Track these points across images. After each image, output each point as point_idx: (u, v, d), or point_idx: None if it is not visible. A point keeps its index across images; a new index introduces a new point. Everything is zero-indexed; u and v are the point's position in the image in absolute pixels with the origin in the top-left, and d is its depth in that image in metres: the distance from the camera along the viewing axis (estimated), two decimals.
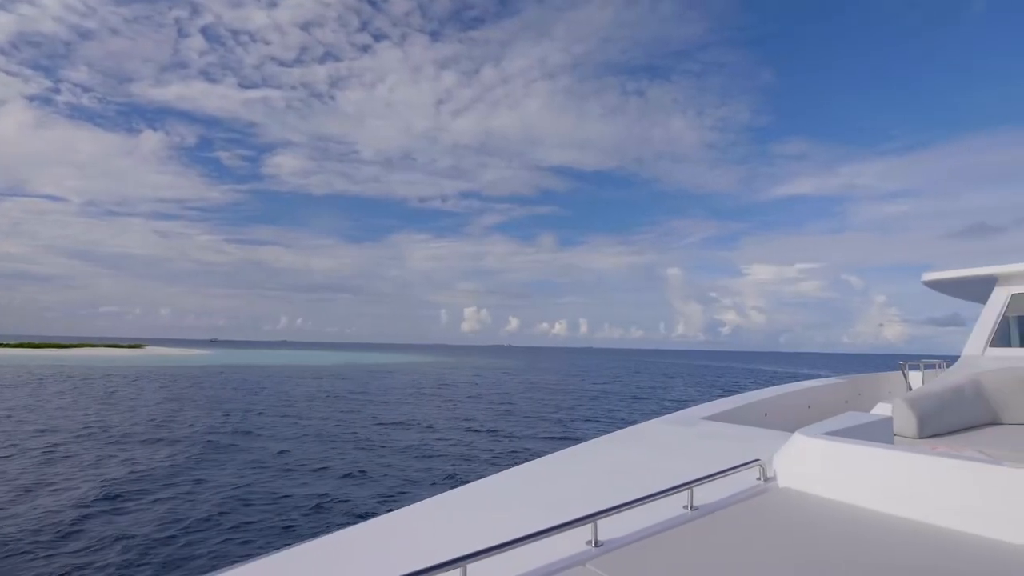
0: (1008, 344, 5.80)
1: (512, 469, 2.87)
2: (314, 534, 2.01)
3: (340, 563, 1.81)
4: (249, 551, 7.10)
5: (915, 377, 7.39)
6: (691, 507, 2.20)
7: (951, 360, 6.29)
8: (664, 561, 1.77)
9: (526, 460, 3.10)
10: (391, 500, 9.67)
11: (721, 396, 5.23)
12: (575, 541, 1.84)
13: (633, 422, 4.12)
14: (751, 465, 2.56)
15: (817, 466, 2.47)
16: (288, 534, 7.92)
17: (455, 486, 2.62)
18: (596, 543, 1.85)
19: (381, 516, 2.19)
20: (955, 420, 4.47)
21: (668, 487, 2.15)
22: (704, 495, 2.29)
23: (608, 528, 1.93)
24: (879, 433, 3.11)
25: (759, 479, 2.55)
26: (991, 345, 5.81)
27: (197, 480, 10.78)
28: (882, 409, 4.69)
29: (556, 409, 24.91)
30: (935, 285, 6.79)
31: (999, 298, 5.94)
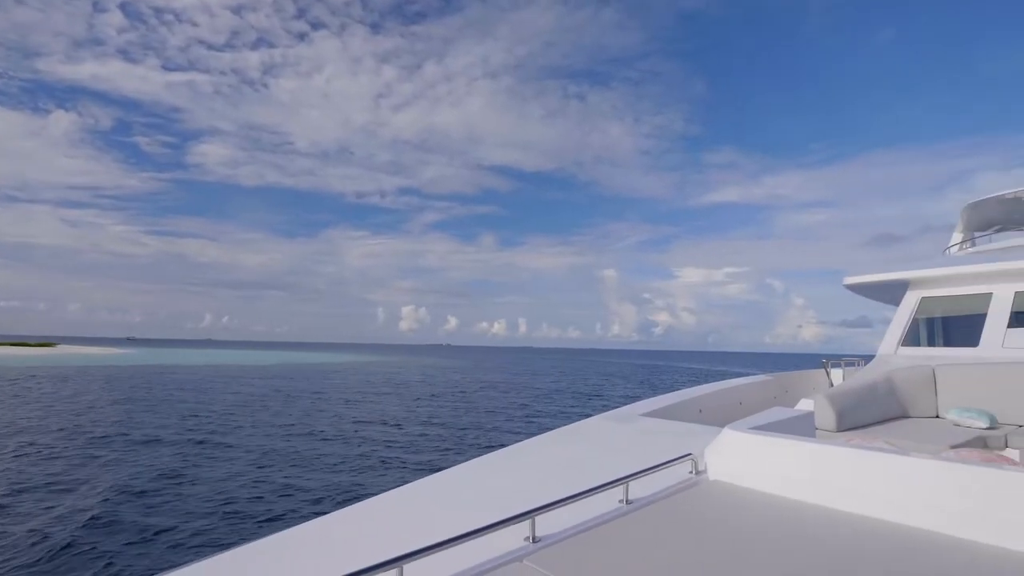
0: (918, 344, 6.06)
1: (452, 468, 2.91)
2: (255, 535, 2.07)
3: (277, 565, 1.84)
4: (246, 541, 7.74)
5: (836, 375, 8.04)
6: (626, 501, 2.30)
7: (868, 358, 6.51)
8: (599, 554, 1.85)
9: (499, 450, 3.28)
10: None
11: (659, 394, 5.55)
12: (513, 538, 1.90)
13: (588, 416, 4.41)
14: (684, 459, 2.72)
15: (744, 459, 2.61)
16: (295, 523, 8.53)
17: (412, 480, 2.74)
18: (534, 539, 1.92)
19: (319, 518, 2.21)
20: (870, 414, 4.68)
21: (605, 482, 2.25)
22: (639, 489, 2.41)
23: (546, 524, 2.01)
24: (802, 427, 3.32)
25: (691, 472, 2.72)
26: (903, 345, 6.05)
27: (201, 478, 11.12)
28: (805, 405, 5.00)
29: (516, 406, 26.07)
30: (855, 288, 7.09)
31: (910, 301, 6.20)
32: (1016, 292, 5.38)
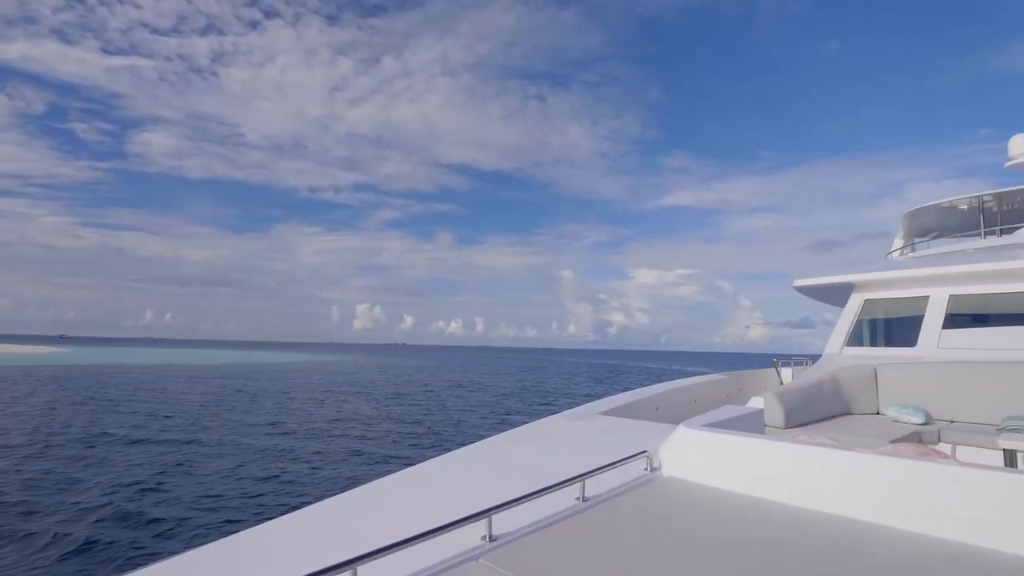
0: (861, 344, 6.29)
1: (412, 467, 2.91)
2: (206, 538, 2.10)
3: (233, 566, 1.81)
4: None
5: (786, 373, 8.40)
6: (583, 498, 2.34)
7: (816, 358, 6.68)
8: (555, 551, 1.87)
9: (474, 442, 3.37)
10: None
11: (618, 392, 5.75)
12: (470, 536, 1.90)
13: (555, 412, 4.50)
14: (639, 456, 2.77)
15: (697, 455, 2.69)
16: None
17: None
18: (490, 538, 1.92)
19: (278, 518, 2.19)
20: (815, 411, 4.82)
21: (562, 480, 2.28)
22: (596, 486, 2.44)
23: (504, 522, 2.01)
24: (752, 424, 3.44)
25: (646, 469, 2.77)
26: (847, 345, 6.26)
27: (194, 476, 11.26)
28: (756, 402, 5.16)
29: (484, 405, 26.70)
30: (804, 290, 7.33)
31: (855, 303, 6.42)
32: (950, 295, 5.65)
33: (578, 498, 2.34)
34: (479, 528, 1.93)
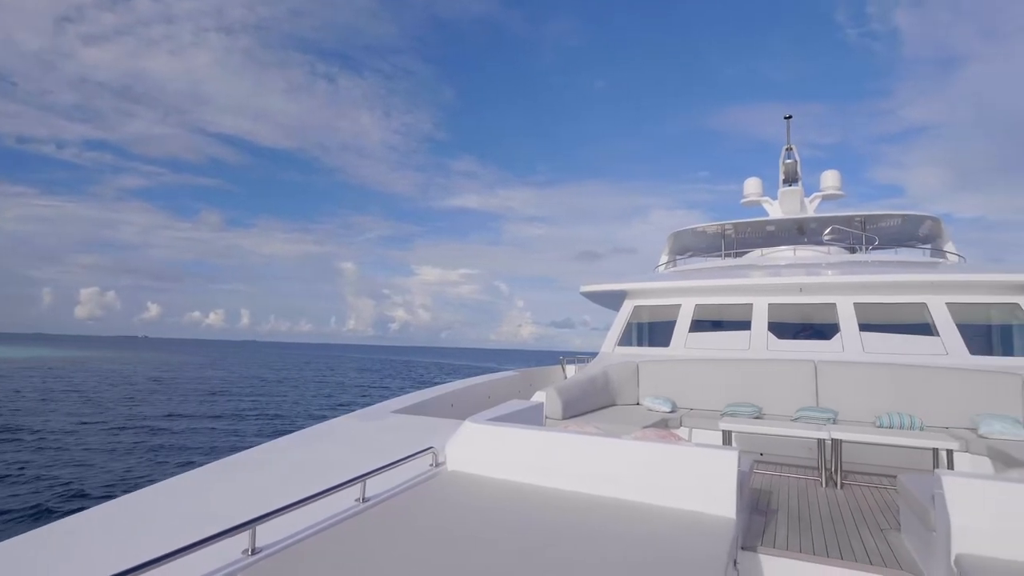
0: (630, 344, 7.39)
1: (174, 478, 2.57)
2: None
3: None
4: None
5: (570, 370, 8.92)
6: (363, 499, 2.29)
7: (595, 356, 7.60)
8: (326, 557, 1.78)
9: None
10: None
11: (414, 389, 5.90)
12: (230, 552, 1.73)
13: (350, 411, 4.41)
14: (424, 453, 2.81)
15: (480, 448, 2.81)
16: None
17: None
18: (253, 551, 1.77)
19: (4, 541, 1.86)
20: (589, 403, 5.48)
21: (340, 482, 2.22)
22: (380, 486, 2.42)
23: (273, 532, 1.87)
24: (534, 417, 3.68)
25: (432, 465, 2.83)
26: (619, 344, 7.30)
27: None
28: (539, 397, 5.49)
29: (264, 406, 24.80)
30: (589, 295, 8.25)
31: (627, 308, 7.52)
32: (696, 304, 6.98)
33: (358, 499, 2.28)
34: (241, 541, 1.76)
